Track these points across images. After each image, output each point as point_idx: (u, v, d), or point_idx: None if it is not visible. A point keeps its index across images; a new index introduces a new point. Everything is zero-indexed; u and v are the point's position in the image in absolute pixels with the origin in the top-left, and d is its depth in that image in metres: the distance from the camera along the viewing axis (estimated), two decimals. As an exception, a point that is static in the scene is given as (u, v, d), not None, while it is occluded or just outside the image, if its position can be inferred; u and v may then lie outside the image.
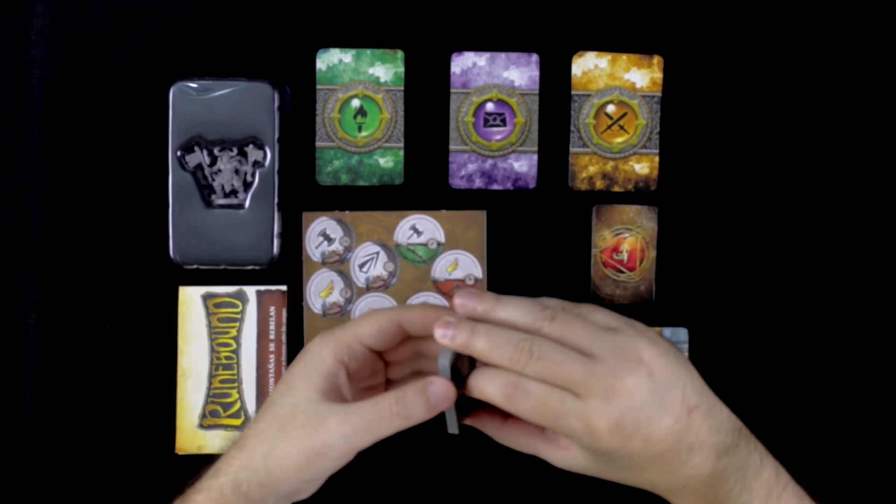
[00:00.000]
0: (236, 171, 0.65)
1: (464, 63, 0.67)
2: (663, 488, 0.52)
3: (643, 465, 0.50)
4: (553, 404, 0.49)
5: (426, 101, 0.68)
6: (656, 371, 0.49)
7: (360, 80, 0.67)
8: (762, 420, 0.56)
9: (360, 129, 0.68)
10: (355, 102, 0.67)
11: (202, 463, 0.67)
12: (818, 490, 0.52)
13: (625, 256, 0.67)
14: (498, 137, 0.68)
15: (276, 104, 0.65)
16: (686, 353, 0.67)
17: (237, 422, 0.67)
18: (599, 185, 0.68)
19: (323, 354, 0.53)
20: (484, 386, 0.51)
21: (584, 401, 0.49)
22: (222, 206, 0.65)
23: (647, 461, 0.50)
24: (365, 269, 0.68)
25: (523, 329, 0.51)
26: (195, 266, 0.66)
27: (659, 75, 0.67)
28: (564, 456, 0.53)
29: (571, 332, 0.51)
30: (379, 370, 0.58)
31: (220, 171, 0.65)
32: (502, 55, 0.67)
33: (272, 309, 0.67)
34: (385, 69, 0.67)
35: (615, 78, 0.67)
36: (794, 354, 0.68)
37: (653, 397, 0.49)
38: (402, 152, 0.68)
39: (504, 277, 0.68)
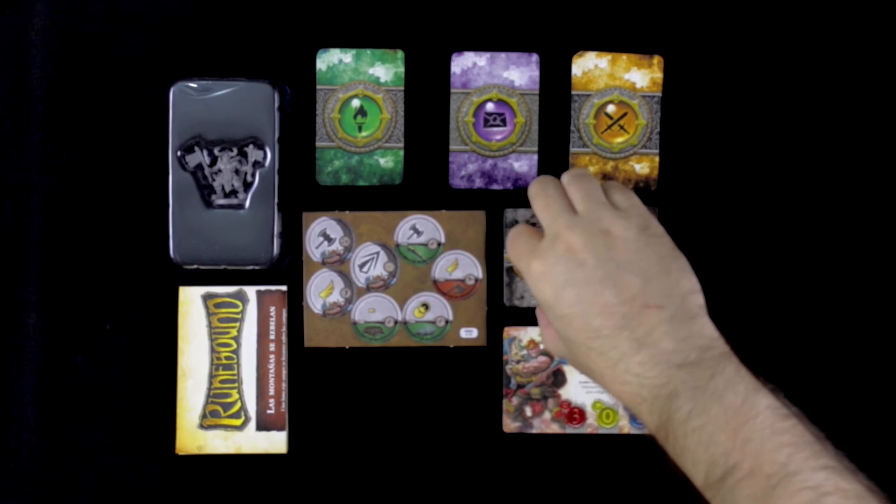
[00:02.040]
0: (236, 171, 0.65)
1: (464, 63, 0.67)
2: (616, 382, 0.50)
3: (586, 342, 0.50)
4: (518, 241, 0.54)
5: (426, 101, 0.68)
6: (619, 249, 0.50)
7: (360, 80, 0.67)
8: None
9: (360, 129, 0.68)
10: (355, 102, 0.67)
11: (202, 463, 0.67)
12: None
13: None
14: (498, 137, 0.68)
15: (276, 104, 0.65)
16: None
17: (237, 422, 0.67)
18: (599, 185, 0.68)
19: None
20: (532, 184, 0.58)
21: (538, 242, 0.53)
22: (222, 206, 0.65)
23: (588, 336, 0.49)
24: (365, 269, 0.68)
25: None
26: (195, 266, 0.66)
27: (659, 75, 0.67)
28: (543, 332, 0.57)
29: (576, 189, 0.55)
30: None
31: (220, 171, 0.65)
32: (502, 55, 0.67)
33: (272, 309, 0.67)
34: (385, 69, 0.67)
35: (615, 78, 0.67)
36: (794, 354, 0.68)
37: (599, 266, 0.49)
38: (402, 152, 0.68)
39: (504, 277, 0.68)
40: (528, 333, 0.67)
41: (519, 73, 0.67)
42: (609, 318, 0.48)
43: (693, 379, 0.48)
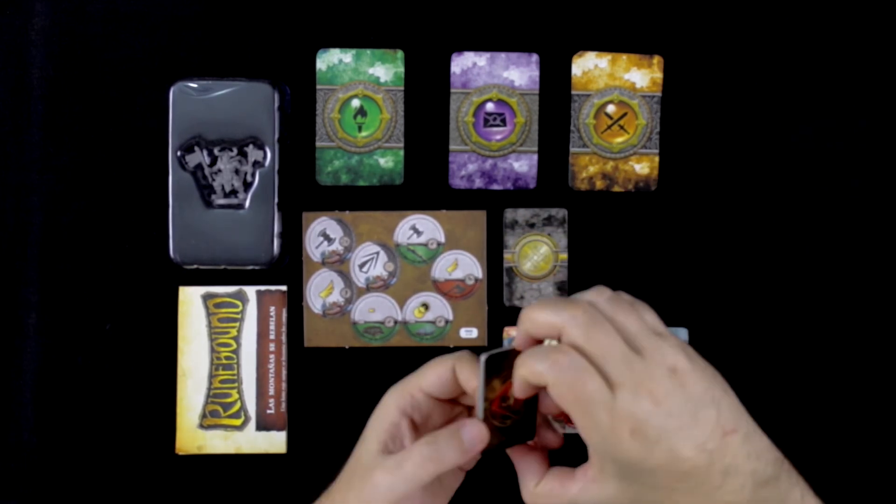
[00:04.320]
0: (236, 171, 0.65)
1: (464, 63, 0.67)
2: None
3: (671, 485, 0.48)
4: (588, 386, 0.47)
5: (426, 101, 0.68)
6: (690, 385, 0.47)
7: (360, 80, 0.67)
8: (762, 420, 0.56)
9: (360, 129, 0.68)
10: (355, 102, 0.67)
11: (202, 463, 0.67)
12: (816, 492, 0.52)
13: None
14: (498, 137, 0.68)
15: (276, 104, 0.65)
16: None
17: (237, 422, 0.67)
18: (599, 185, 0.68)
19: (387, 405, 0.53)
20: (533, 362, 0.48)
21: (614, 393, 0.47)
22: (222, 206, 0.65)
23: (676, 479, 0.47)
24: (365, 269, 0.68)
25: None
26: (195, 266, 0.66)
27: (659, 75, 0.67)
28: (588, 487, 0.50)
29: (625, 318, 0.49)
30: (456, 419, 0.55)
31: (220, 171, 0.65)
32: (502, 55, 0.67)
33: (272, 309, 0.67)
34: (385, 69, 0.67)
35: (615, 78, 0.67)
36: (794, 354, 0.68)
37: (683, 409, 0.46)
38: (402, 152, 0.68)
39: (504, 277, 0.68)
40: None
41: (519, 73, 0.67)
42: (700, 454, 0.47)
43: (777, 494, 0.48)
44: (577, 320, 0.48)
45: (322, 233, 0.68)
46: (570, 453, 0.69)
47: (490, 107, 0.68)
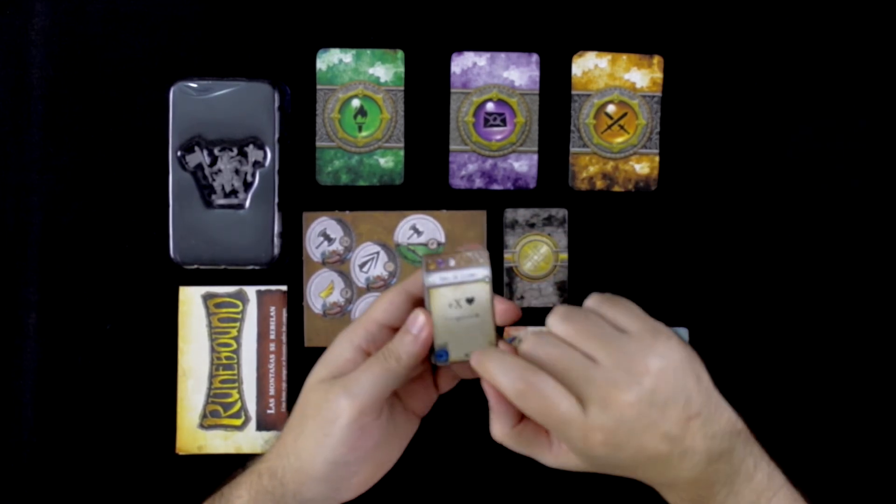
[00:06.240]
0: (236, 171, 0.65)
1: (464, 63, 0.67)
2: (653, 482, 0.52)
3: (634, 467, 0.50)
4: (560, 408, 0.48)
5: (426, 101, 0.68)
6: (661, 385, 0.48)
7: (360, 80, 0.67)
8: (761, 420, 0.56)
9: (360, 129, 0.68)
10: (355, 102, 0.67)
11: (202, 463, 0.67)
12: (815, 492, 0.52)
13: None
14: (498, 137, 0.68)
15: (276, 104, 0.65)
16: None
17: (237, 422, 0.67)
18: (599, 185, 0.68)
19: (338, 344, 0.54)
20: (495, 374, 0.49)
21: (584, 409, 0.48)
22: (222, 206, 0.65)
23: (638, 465, 0.50)
24: (365, 269, 0.68)
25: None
26: (195, 266, 0.66)
27: (659, 75, 0.67)
28: (555, 459, 0.53)
29: (577, 332, 0.50)
30: None
31: (220, 171, 0.65)
32: (502, 55, 0.67)
33: (272, 309, 0.67)
34: (385, 69, 0.67)
35: (615, 78, 0.67)
36: (793, 354, 0.68)
37: (650, 410, 0.48)
38: (402, 152, 0.68)
39: (504, 277, 0.68)
40: (528, 333, 0.67)
41: (519, 73, 0.67)
42: (665, 443, 0.49)
43: (728, 466, 0.50)
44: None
45: (322, 233, 0.68)
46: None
47: (490, 107, 0.68)
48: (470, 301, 0.52)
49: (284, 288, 0.68)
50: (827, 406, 0.68)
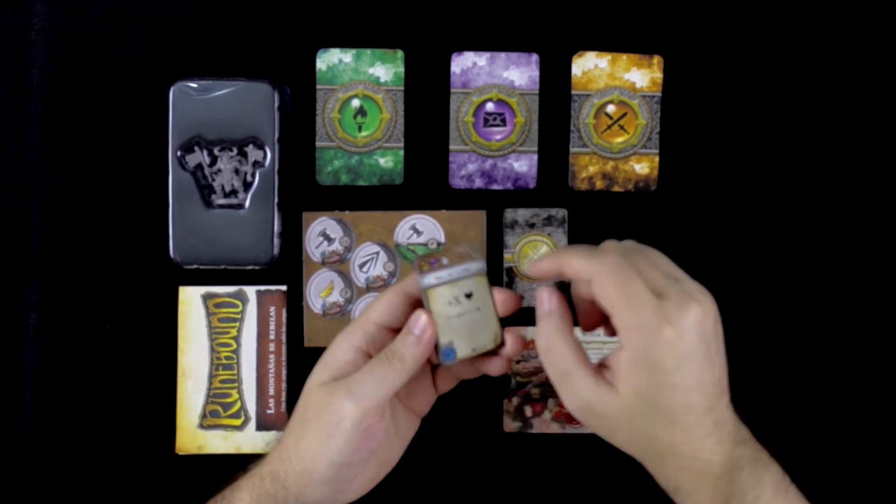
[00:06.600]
0: (236, 171, 0.65)
1: (464, 63, 0.67)
2: (679, 458, 0.50)
3: (675, 417, 0.49)
4: (635, 285, 0.48)
5: (426, 101, 0.68)
6: (713, 341, 0.49)
7: (360, 80, 0.67)
8: (761, 420, 0.56)
9: (360, 129, 0.68)
10: (355, 102, 0.67)
11: (202, 463, 0.67)
12: (815, 492, 0.52)
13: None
14: (498, 137, 0.68)
15: (276, 104, 0.65)
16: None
17: (237, 422, 0.67)
18: (599, 185, 0.68)
19: (337, 345, 0.54)
20: (578, 256, 0.49)
21: (661, 300, 0.48)
22: (222, 206, 0.65)
23: (681, 412, 0.48)
24: (365, 269, 0.68)
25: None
26: (195, 266, 0.66)
27: (659, 75, 0.67)
28: (598, 391, 0.50)
29: (647, 268, 0.49)
30: None
31: (220, 171, 0.65)
32: (502, 55, 0.67)
33: (272, 309, 0.67)
34: (385, 69, 0.67)
35: (615, 78, 0.67)
36: (794, 353, 0.68)
37: (707, 349, 0.48)
38: (402, 152, 0.68)
39: (504, 277, 0.68)
40: (528, 333, 0.67)
41: (519, 73, 0.67)
42: (706, 396, 0.49)
43: (750, 452, 0.50)
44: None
45: (322, 233, 0.68)
46: (571, 454, 0.69)
47: (490, 107, 0.68)
48: (469, 296, 0.52)
49: (284, 288, 0.68)
50: (827, 406, 0.68)
